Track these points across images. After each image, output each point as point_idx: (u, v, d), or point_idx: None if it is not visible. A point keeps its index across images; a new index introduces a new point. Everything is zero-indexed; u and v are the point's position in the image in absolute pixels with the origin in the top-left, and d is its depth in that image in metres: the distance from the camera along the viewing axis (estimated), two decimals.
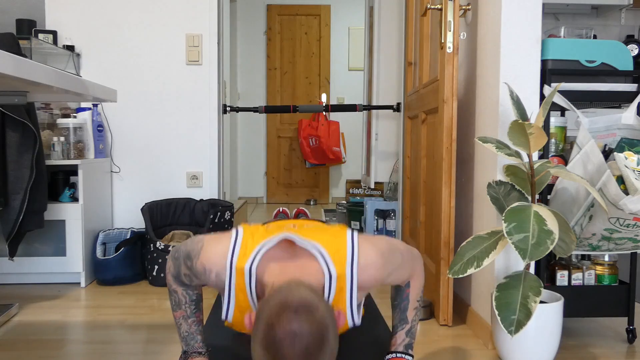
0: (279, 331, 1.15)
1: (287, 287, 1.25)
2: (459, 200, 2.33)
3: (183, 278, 1.50)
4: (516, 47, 1.85)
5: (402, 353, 1.55)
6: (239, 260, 1.38)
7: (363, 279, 1.41)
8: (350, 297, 1.41)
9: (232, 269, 1.39)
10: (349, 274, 1.39)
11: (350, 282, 1.39)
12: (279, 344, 1.15)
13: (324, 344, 1.17)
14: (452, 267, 1.71)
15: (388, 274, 1.45)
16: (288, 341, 1.15)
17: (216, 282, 1.42)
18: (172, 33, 3.09)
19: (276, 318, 1.16)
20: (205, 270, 1.42)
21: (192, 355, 1.53)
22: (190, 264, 1.45)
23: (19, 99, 1.65)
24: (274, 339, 1.15)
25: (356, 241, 1.41)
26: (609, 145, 1.83)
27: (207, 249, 1.43)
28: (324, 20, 6.15)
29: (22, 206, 2.30)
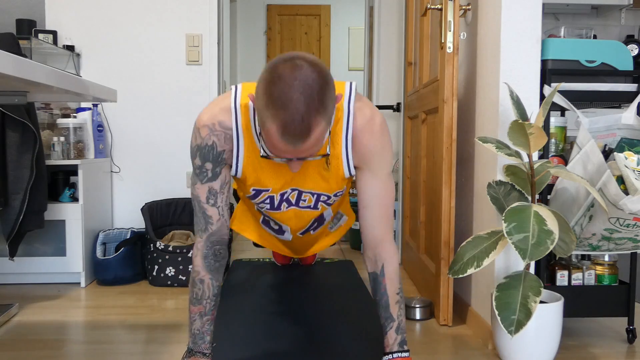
0: (281, 66, 1.22)
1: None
2: (459, 200, 2.33)
3: (208, 209, 1.51)
4: (516, 47, 1.85)
5: (398, 352, 1.54)
6: (242, 99, 1.45)
7: (356, 128, 1.48)
8: (346, 133, 1.48)
9: (237, 109, 1.45)
10: (347, 108, 1.47)
11: (347, 117, 1.47)
12: (280, 75, 1.21)
13: (324, 83, 1.24)
14: (452, 267, 1.71)
15: (379, 148, 1.51)
16: (289, 72, 1.20)
17: (222, 135, 1.46)
18: (172, 33, 3.09)
19: (280, 59, 1.24)
20: (210, 129, 1.46)
21: (196, 354, 1.53)
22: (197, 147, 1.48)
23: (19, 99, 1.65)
24: (275, 73, 1.22)
25: (354, 89, 1.50)
26: (609, 145, 1.83)
27: (205, 111, 1.48)
28: (324, 20, 6.15)
29: (22, 206, 2.30)
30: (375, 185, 1.54)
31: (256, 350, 1.80)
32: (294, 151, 1.26)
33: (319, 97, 1.22)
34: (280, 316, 2.11)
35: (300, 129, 1.21)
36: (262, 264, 2.94)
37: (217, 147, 1.48)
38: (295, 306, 2.23)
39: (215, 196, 1.52)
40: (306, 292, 2.44)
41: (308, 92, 1.20)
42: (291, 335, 1.93)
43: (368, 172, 1.55)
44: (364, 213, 1.57)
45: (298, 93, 1.20)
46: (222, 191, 1.53)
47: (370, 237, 1.57)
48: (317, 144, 1.27)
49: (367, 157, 1.53)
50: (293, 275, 2.71)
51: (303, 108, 1.20)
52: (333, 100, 1.28)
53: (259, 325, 2.01)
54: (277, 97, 1.20)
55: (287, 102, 1.20)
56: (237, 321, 2.06)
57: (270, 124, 1.23)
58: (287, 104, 1.20)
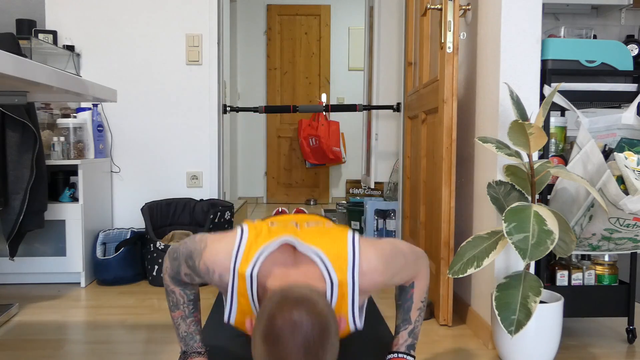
0: (279, 321, 1.15)
1: (288, 286, 1.26)
2: (459, 200, 2.33)
3: (183, 277, 1.49)
4: (516, 47, 1.85)
5: (404, 353, 1.55)
6: (241, 265, 1.37)
7: (364, 284, 1.40)
8: (352, 302, 1.40)
9: (234, 273, 1.38)
10: (351, 280, 1.37)
11: (352, 288, 1.38)
12: (279, 333, 1.15)
13: (325, 337, 1.17)
14: (452, 267, 1.71)
15: (390, 277, 1.44)
16: (288, 331, 1.15)
17: (219, 283, 1.42)
18: (172, 33, 3.09)
19: (277, 309, 1.17)
20: (209, 271, 1.41)
21: (192, 355, 1.53)
22: (192, 263, 1.44)
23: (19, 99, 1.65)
24: (273, 329, 1.15)
25: (357, 245, 1.40)
26: (609, 145, 1.83)
27: (210, 250, 1.41)
28: (324, 20, 6.15)
29: (22, 206, 2.30)
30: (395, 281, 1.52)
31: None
32: None
33: (320, 354, 1.17)
34: None
35: None
36: None
37: (209, 282, 1.46)
38: None
39: (191, 280, 1.51)
40: None
41: (308, 354, 1.15)
42: None
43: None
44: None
45: (298, 357, 1.14)
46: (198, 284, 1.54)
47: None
48: None
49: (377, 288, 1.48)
50: None
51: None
52: (336, 348, 1.22)
53: None
54: (276, 358, 1.15)
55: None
56: None
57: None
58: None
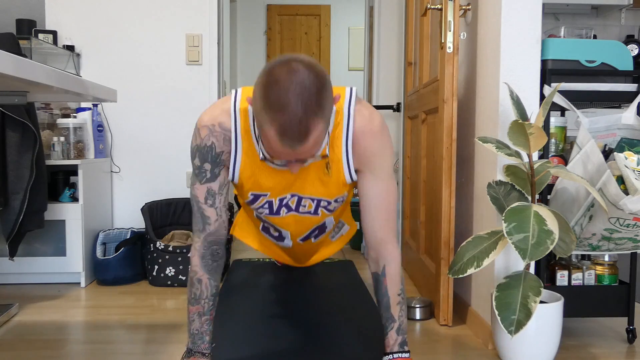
0: (277, 68, 1.22)
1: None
2: (459, 200, 2.33)
3: (206, 208, 1.52)
4: (516, 47, 1.85)
5: (398, 352, 1.54)
6: (241, 103, 1.46)
7: (357, 136, 1.48)
8: (346, 140, 1.48)
9: (236, 112, 1.46)
10: (346, 111, 1.47)
11: (346, 122, 1.47)
12: (276, 77, 1.21)
13: (321, 85, 1.23)
14: (452, 267, 1.71)
15: (379, 149, 1.51)
16: (285, 74, 1.20)
17: (222, 136, 1.47)
18: (172, 33, 3.09)
19: (276, 62, 1.25)
20: (211, 131, 1.47)
21: (196, 355, 1.53)
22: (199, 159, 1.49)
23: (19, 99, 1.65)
24: (272, 76, 1.22)
25: (354, 93, 1.50)
26: (609, 145, 1.83)
27: (206, 112, 1.50)
28: (324, 20, 6.15)
29: (22, 206, 2.30)
30: (377, 186, 1.54)
31: (256, 350, 1.80)
32: (293, 153, 1.27)
33: (317, 99, 1.22)
34: (280, 316, 2.11)
35: (298, 131, 1.21)
36: (262, 264, 2.94)
37: (216, 147, 1.49)
38: (295, 306, 2.23)
39: (213, 197, 1.52)
40: (306, 292, 2.44)
41: (305, 94, 1.21)
42: (291, 336, 1.93)
43: (369, 173, 1.54)
44: (365, 215, 1.57)
45: (295, 96, 1.20)
46: (221, 192, 1.53)
47: (372, 239, 1.57)
48: (316, 146, 1.27)
49: (367, 159, 1.53)
50: (293, 275, 2.71)
51: (301, 111, 1.20)
52: (331, 101, 1.27)
53: (258, 325, 2.01)
54: (275, 101, 1.20)
55: (285, 106, 1.20)
56: (237, 321, 2.06)
57: (268, 128, 1.23)
58: (285, 108, 1.20)
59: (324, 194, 1.63)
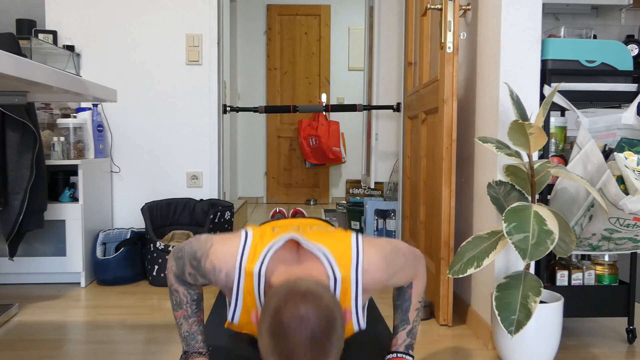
0: (286, 315, 1.16)
1: (294, 279, 1.27)
2: (459, 200, 2.33)
3: (187, 277, 1.50)
4: (516, 47, 1.85)
5: (403, 353, 1.55)
6: (248, 262, 1.39)
7: (367, 282, 1.42)
8: (356, 299, 1.42)
9: (241, 271, 1.39)
10: (354, 276, 1.40)
11: (355, 285, 1.40)
12: (285, 327, 1.16)
13: (331, 331, 1.18)
14: (452, 267, 1.71)
15: (391, 276, 1.46)
16: (294, 324, 1.16)
17: (225, 282, 1.43)
18: (172, 33, 3.09)
19: (283, 303, 1.18)
20: (215, 270, 1.42)
21: (193, 355, 1.53)
22: (197, 264, 1.45)
23: (19, 99, 1.65)
24: (280, 323, 1.16)
25: (361, 245, 1.43)
26: (609, 145, 1.83)
27: (217, 249, 1.43)
28: (324, 20, 6.15)
29: (22, 206, 2.30)
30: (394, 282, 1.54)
31: (257, 350, 1.80)
32: None
33: (326, 348, 1.17)
34: None
35: None
36: None
37: (214, 283, 1.46)
38: None
39: (195, 280, 1.51)
40: None
41: (315, 347, 1.16)
42: None
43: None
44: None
45: (304, 349, 1.15)
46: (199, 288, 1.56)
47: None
48: None
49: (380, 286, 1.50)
50: None
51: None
52: (341, 339, 1.22)
53: None
54: (283, 351, 1.16)
55: (293, 358, 1.16)
56: None
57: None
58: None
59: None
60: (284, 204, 6.25)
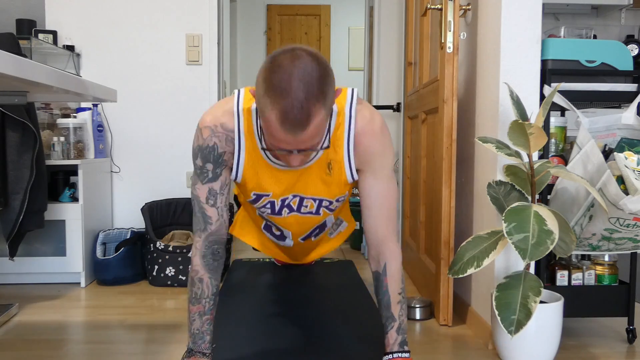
0: (281, 56, 1.23)
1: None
2: (459, 200, 2.33)
3: (208, 208, 1.51)
4: (516, 47, 1.85)
5: (399, 352, 1.54)
6: (244, 103, 1.46)
7: (358, 135, 1.49)
8: (348, 140, 1.49)
9: (239, 112, 1.46)
10: (348, 112, 1.48)
11: (348, 123, 1.48)
12: (280, 64, 1.21)
13: (323, 73, 1.24)
14: (452, 267, 1.71)
15: (379, 156, 1.52)
16: (289, 61, 1.21)
17: (224, 137, 1.47)
18: (172, 33, 3.09)
19: (280, 50, 1.25)
20: (213, 131, 1.47)
21: (196, 354, 1.53)
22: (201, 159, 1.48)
23: (19, 99, 1.65)
24: (275, 62, 1.22)
25: (355, 93, 1.51)
26: (609, 145, 1.83)
27: (208, 112, 1.49)
28: (324, 20, 6.15)
29: (22, 206, 2.30)
30: (378, 186, 1.55)
31: (256, 350, 1.80)
32: (293, 141, 1.26)
33: (319, 85, 1.22)
34: (280, 316, 2.11)
35: (299, 116, 1.21)
36: (262, 263, 2.94)
37: (218, 148, 1.49)
38: (295, 306, 2.23)
39: (215, 197, 1.52)
40: (306, 292, 2.44)
41: (307, 80, 1.21)
42: (291, 336, 1.93)
43: (370, 173, 1.55)
44: (366, 214, 1.57)
45: (297, 81, 1.20)
46: (222, 192, 1.54)
47: (373, 237, 1.57)
48: (317, 135, 1.27)
49: (368, 159, 1.53)
50: (293, 275, 2.71)
51: (303, 95, 1.20)
52: (332, 90, 1.28)
53: (258, 325, 2.01)
54: (277, 85, 1.21)
55: (287, 90, 1.20)
56: (237, 321, 2.06)
57: (269, 112, 1.23)
58: (287, 92, 1.20)
59: (326, 193, 1.63)
60: None
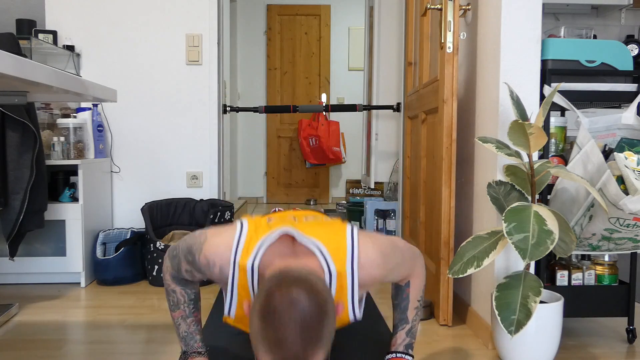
0: (277, 297, 1.15)
1: (287, 268, 1.26)
2: (459, 200, 2.33)
3: (184, 274, 1.49)
4: (516, 47, 1.85)
5: (403, 353, 1.55)
6: (242, 256, 1.37)
7: (363, 277, 1.41)
8: (352, 294, 1.40)
9: (235, 266, 1.38)
10: (349, 271, 1.39)
11: (350, 280, 1.39)
12: (276, 309, 1.14)
13: (323, 316, 1.17)
14: (452, 267, 1.71)
15: (388, 271, 1.45)
16: (285, 306, 1.14)
17: (219, 276, 1.42)
18: (172, 33, 3.09)
19: (275, 286, 1.17)
20: (209, 264, 1.41)
21: (192, 355, 1.53)
22: (192, 258, 1.44)
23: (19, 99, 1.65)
24: (270, 305, 1.15)
25: (356, 238, 1.41)
26: (609, 145, 1.83)
27: (210, 243, 1.42)
28: (324, 20, 6.15)
29: (22, 206, 2.30)
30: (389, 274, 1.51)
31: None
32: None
33: (317, 332, 1.16)
34: None
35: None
36: None
37: (209, 277, 1.46)
38: None
39: (192, 275, 1.50)
40: None
41: (305, 331, 1.14)
42: None
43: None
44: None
45: (294, 333, 1.13)
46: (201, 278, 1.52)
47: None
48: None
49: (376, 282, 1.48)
50: None
51: (299, 349, 1.14)
52: (332, 327, 1.21)
53: None
54: (272, 335, 1.14)
55: (282, 342, 1.13)
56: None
57: (263, 356, 1.17)
58: (282, 344, 1.13)
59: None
60: (284, 203, 6.25)
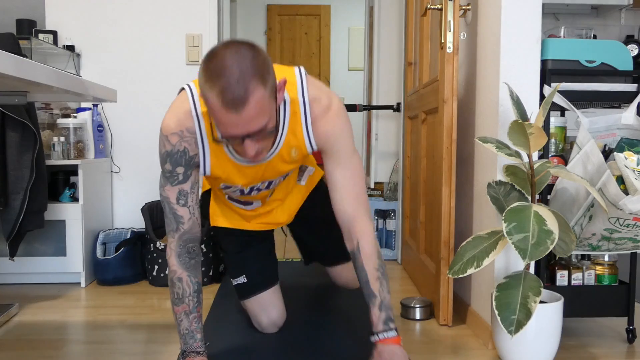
0: (220, 47, 1.28)
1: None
2: (459, 200, 2.33)
3: (179, 209, 1.52)
4: (516, 47, 1.85)
5: (383, 332, 1.51)
6: (202, 105, 1.47)
7: (315, 116, 1.52)
8: (306, 123, 1.52)
9: (198, 116, 1.47)
10: (301, 99, 1.51)
11: (303, 108, 1.51)
12: (218, 52, 1.26)
13: (259, 58, 1.27)
14: (452, 267, 1.71)
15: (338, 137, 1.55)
16: (227, 51, 1.26)
17: (189, 139, 1.48)
18: (172, 33, 3.09)
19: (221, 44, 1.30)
20: (180, 137, 1.47)
21: (191, 355, 1.53)
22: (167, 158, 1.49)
23: (19, 99, 1.66)
24: (213, 51, 1.27)
25: (304, 73, 1.53)
26: (609, 145, 1.83)
27: (168, 119, 1.48)
28: (324, 21, 6.15)
29: (22, 206, 2.30)
30: (340, 167, 1.58)
31: (255, 350, 1.80)
32: (238, 120, 1.26)
33: (253, 64, 1.26)
34: None
35: (237, 91, 1.23)
36: None
37: (189, 152, 1.50)
38: (295, 306, 2.23)
39: (185, 197, 1.53)
40: (306, 291, 2.44)
41: (241, 60, 1.25)
42: (290, 336, 1.92)
43: (331, 156, 1.58)
44: (333, 196, 1.60)
45: (231, 61, 1.24)
46: (192, 191, 1.55)
47: (343, 217, 1.59)
48: (260, 114, 1.28)
49: (328, 142, 1.57)
50: (292, 275, 2.71)
51: (237, 72, 1.24)
52: (271, 72, 1.30)
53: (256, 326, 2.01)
54: (213, 69, 1.25)
55: (222, 70, 1.24)
56: (235, 321, 2.06)
57: (210, 96, 1.26)
58: (222, 71, 1.24)
59: (292, 167, 1.70)
60: None
